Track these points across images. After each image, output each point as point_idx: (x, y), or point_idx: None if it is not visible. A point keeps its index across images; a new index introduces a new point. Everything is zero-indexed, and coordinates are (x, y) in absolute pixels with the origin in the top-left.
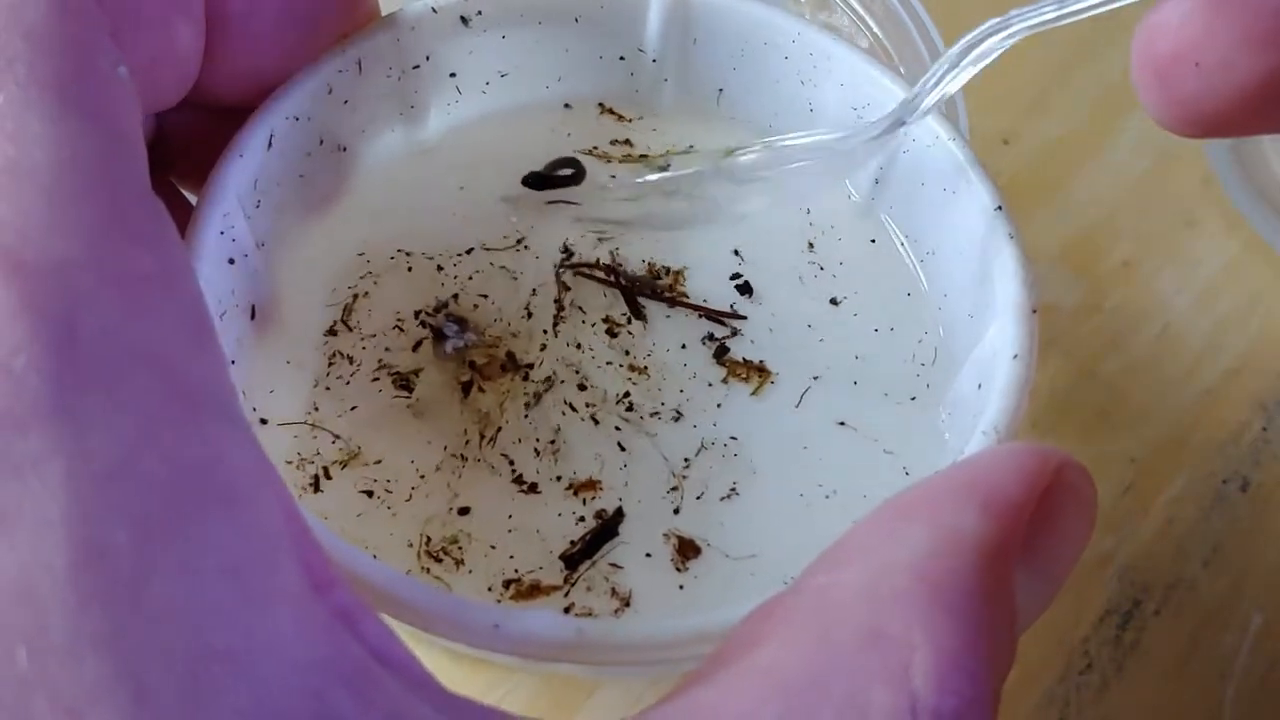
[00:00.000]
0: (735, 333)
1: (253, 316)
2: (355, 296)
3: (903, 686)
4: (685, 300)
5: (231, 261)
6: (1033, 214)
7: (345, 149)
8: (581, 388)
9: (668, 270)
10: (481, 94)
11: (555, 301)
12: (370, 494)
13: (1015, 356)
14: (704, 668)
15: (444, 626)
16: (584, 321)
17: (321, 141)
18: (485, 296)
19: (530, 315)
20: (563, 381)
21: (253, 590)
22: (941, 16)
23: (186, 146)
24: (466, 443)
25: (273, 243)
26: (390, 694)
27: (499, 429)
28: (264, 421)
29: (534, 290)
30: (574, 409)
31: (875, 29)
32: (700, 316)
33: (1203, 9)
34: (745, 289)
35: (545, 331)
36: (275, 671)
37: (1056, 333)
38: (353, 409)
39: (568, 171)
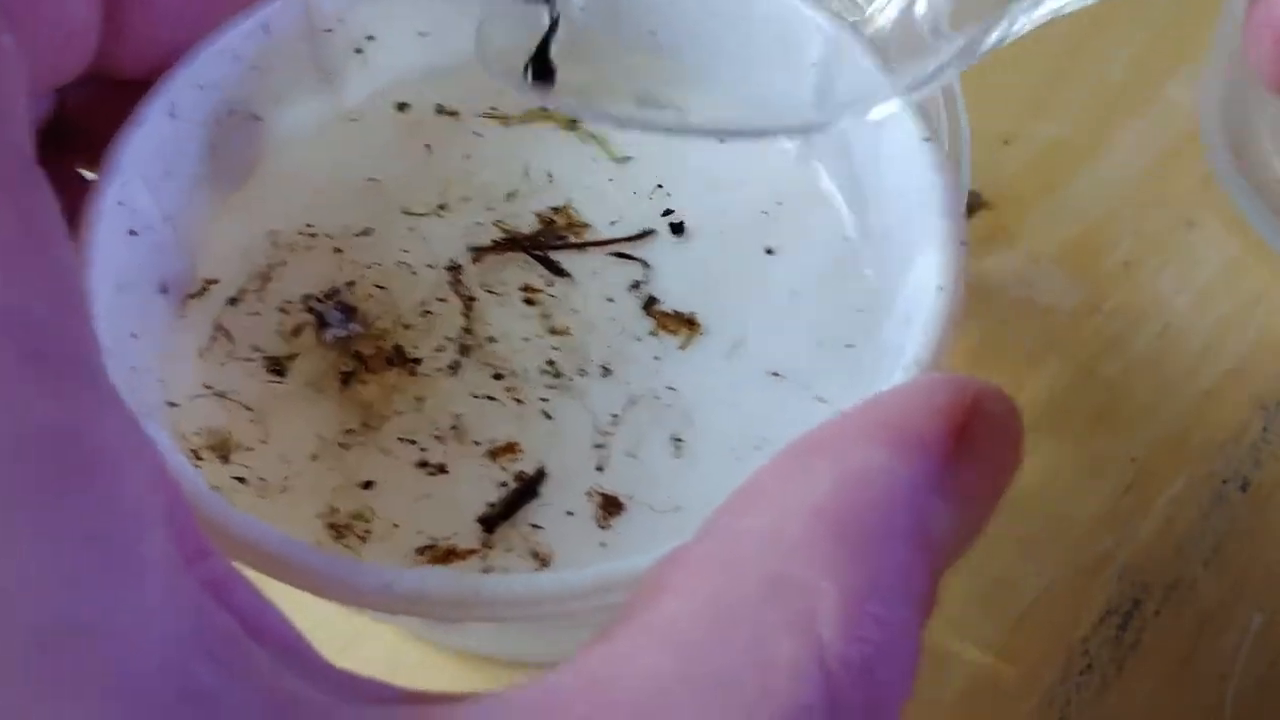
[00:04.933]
0: (633, 259)
1: (165, 291)
2: (260, 274)
3: (809, 635)
4: (590, 240)
5: (134, 233)
6: (1033, 214)
7: (260, 118)
8: (498, 376)
9: (556, 210)
10: (399, 57)
11: (463, 315)
12: (255, 474)
13: (939, 288)
14: (610, 623)
15: (337, 589)
16: (500, 303)
17: (232, 111)
18: (382, 288)
19: (427, 313)
20: (469, 373)
21: (113, 560)
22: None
23: (93, 124)
24: (346, 432)
25: (186, 215)
26: (259, 667)
27: (385, 419)
28: (172, 404)
29: (446, 286)
30: (492, 398)
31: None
32: (608, 253)
33: None
34: (678, 229)
35: (449, 338)
36: (136, 644)
37: (1056, 333)
38: (231, 390)
39: None
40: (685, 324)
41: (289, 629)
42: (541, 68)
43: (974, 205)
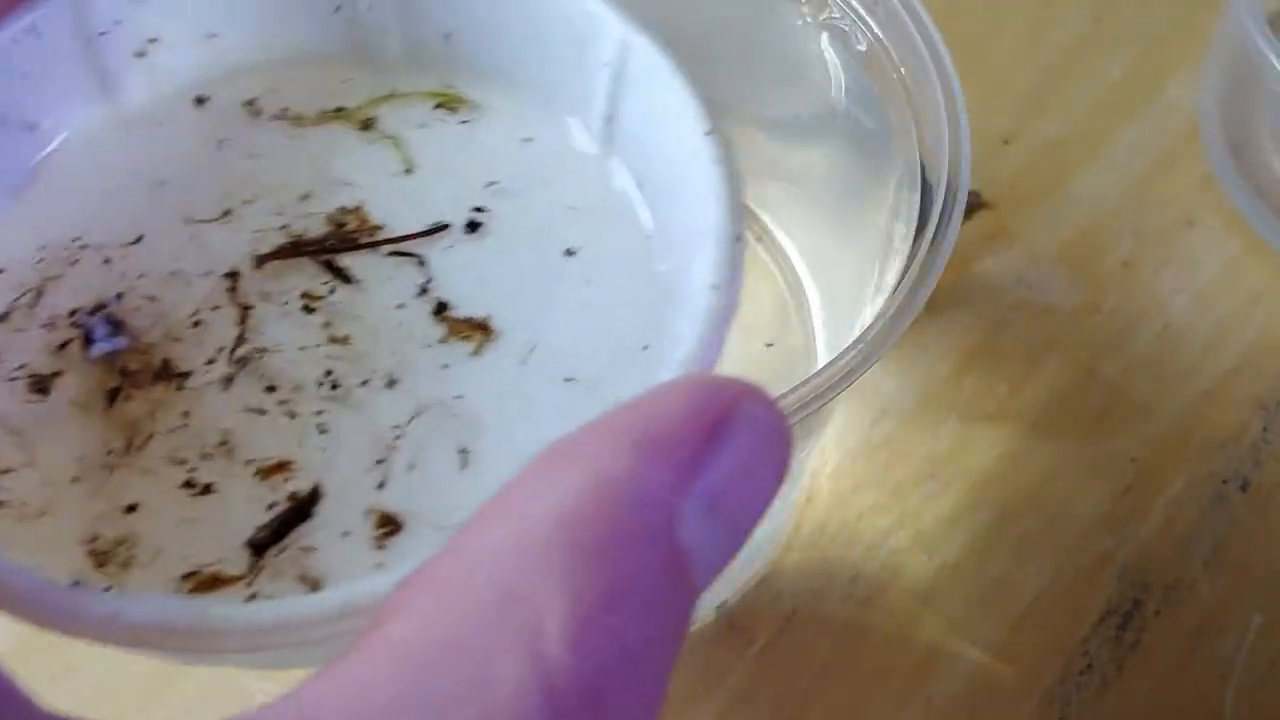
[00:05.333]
0: (423, 262)
1: None
2: (32, 289)
3: (534, 654)
4: (380, 238)
5: None
6: (1033, 214)
7: (35, 126)
8: (271, 389)
9: (348, 212)
10: (187, 59)
11: (237, 325)
12: (16, 498)
13: (713, 286)
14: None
15: (56, 619)
16: (278, 312)
17: (3, 120)
18: (153, 299)
19: (198, 324)
20: (239, 387)
21: None
22: (942, 17)
23: None
24: (109, 452)
25: None
26: None
27: (149, 438)
28: None
29: (223, 294)
30: (263, 413)
31: (876, 29)
32: (397, 252)
33: None
34: (474, 227)
35: (222, 350)
36: None
37: (1056, 333)
38: None
39: None
40: (478, 329)
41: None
42: None
43: (974, 205)
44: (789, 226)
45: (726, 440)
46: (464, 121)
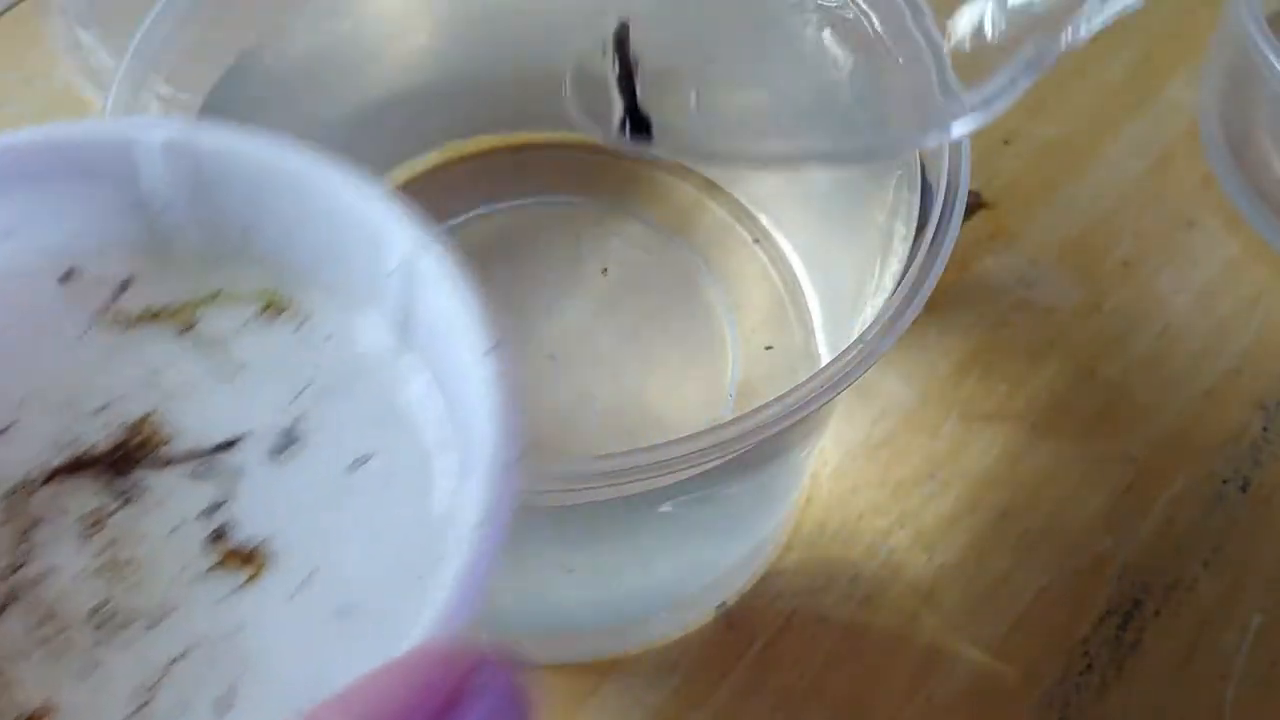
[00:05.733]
0: (208, 479)
1: None
2: None
3: None
4: (173, 456)
5: None
6: (1033, 214)
7: None
8: (43, 622)
9: (145, 421)
10: None
11: (15, 548)
12: None
13: (477, 524)
14: None
15: None
16: (58, 534)
17: None
18: None
19: None
20: (11, 618)
21: None
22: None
23: None
24: None
25: None
26: None
27: None
28: None
29: (4, 511)
30: (31, 647)
31: (878, 25)
32: (187, 473)
33: None
34: (279, 447)
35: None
36: None
37: (1056, 333)
38: None
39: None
40: (251, 558)
41: None
42: (638, 120)
43: (974, 205)
44: (787, 227)
45: (462, 716)
46: (284, 322)
